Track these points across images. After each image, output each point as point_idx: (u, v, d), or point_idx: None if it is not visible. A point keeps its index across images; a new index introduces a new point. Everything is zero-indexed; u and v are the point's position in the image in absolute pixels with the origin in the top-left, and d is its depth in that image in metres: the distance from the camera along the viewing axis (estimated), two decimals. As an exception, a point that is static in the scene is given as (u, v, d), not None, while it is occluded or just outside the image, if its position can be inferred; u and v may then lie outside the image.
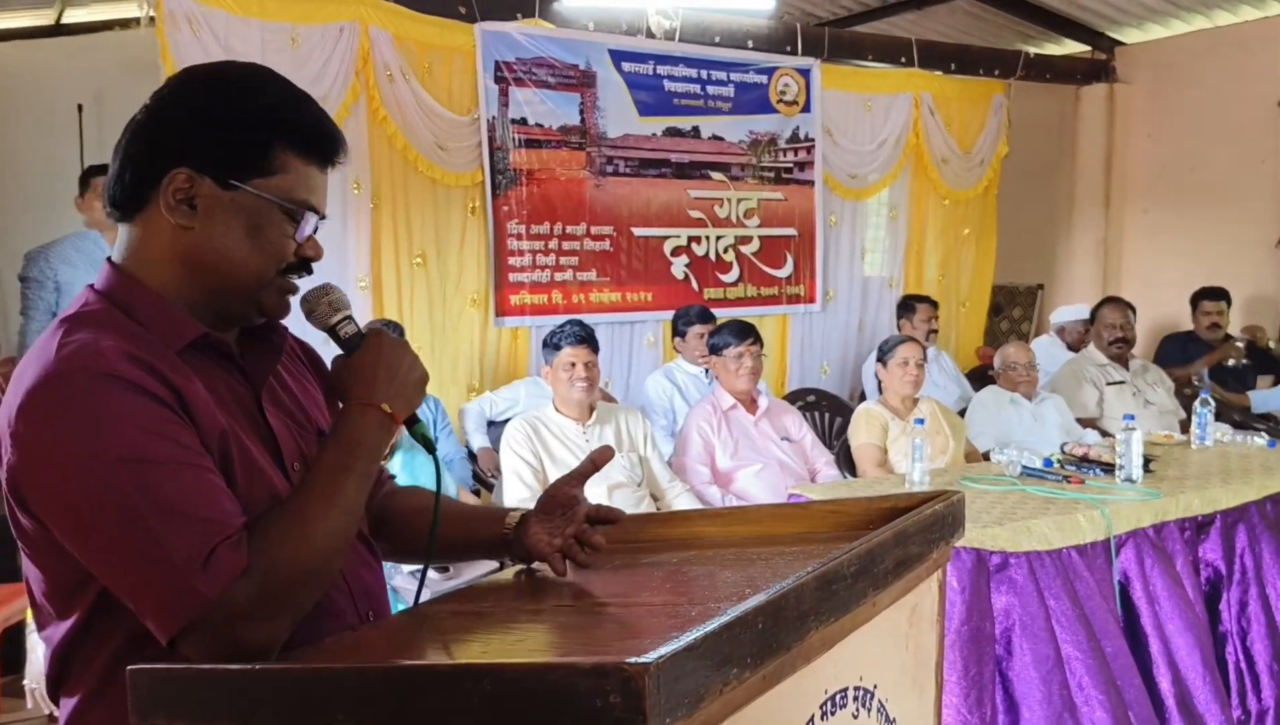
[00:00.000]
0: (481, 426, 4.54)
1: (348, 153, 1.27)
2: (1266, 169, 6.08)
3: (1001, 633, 2.81)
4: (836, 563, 1.05)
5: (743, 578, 1.24)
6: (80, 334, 1.10)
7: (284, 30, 4.30)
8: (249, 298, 1.21)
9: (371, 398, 1.20)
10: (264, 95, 1.20)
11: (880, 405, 4.17)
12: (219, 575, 1.03)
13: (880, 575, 1.16)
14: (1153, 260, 6.77)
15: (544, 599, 1.30)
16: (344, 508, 1.14)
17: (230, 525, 1.06)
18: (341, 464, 1.16)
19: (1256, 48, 6.10)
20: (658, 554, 1.42)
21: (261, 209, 1.18)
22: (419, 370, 1.27)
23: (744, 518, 1.50)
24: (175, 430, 1.07)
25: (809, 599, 0.99)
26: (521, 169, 4.95)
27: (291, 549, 1.08)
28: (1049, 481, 3.41)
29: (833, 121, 5.88)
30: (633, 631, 1.08)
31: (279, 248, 1.20)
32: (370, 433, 1.19)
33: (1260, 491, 3.46)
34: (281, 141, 1.18)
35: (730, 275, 5.66)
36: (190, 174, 1.16)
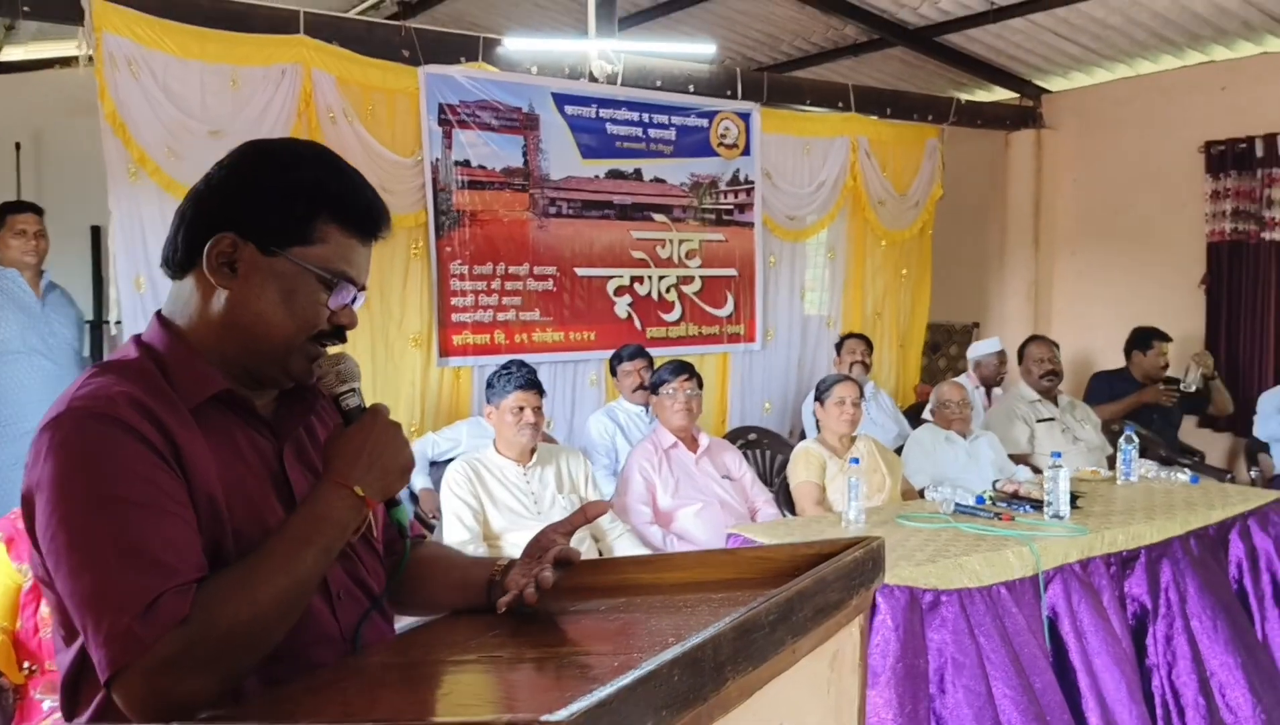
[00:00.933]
0: (423, 467, 4.52)
1: (390, 228, 1.34)
2: (1188, 212, 6.30)
3: (935, 670, 2.86)
4: (754, 612, 1.08)
5: (668, 626, 1.26)
6: (102, 378, 1.18)
7: (224, 72, 4.30)
8: (277, 360, 1.27)
9: (348, 477, 1.23)
10: (311, 169, 1.28)
11: (818, 444, 4.23)
12: (157, 621, 1.05)
13: (800, 623, 1.19)
14: (1081, 301, 6.97)
15: (471, 649, 1.31)
16: (296, 578, 1.15)
17: (183, 575, 1.09)
18: (304, 536, 1.18)
19: (1177, 95, 6.34)
20: (588, 601, 1.44)
21: (298, 276, 1.25)
22: (404, 457, 1.29)
23: (673, 565, 1.52)
24: (159, 476, 1.12)
25: (726, 649, 1.01)
26: (465, 210, 4.98)
27: (233, 608, 1.09)
28: (980, 518, 3.49)
29: (772, 164, 6.00)
30: (555, 684, 1.10)
31: (311, 313, 1.26)
32: (338, 511, 1.21)
33: (1183, 527, 3.56)
34: (324, 214, 1.26)
35: (672, 314, 5.72)
36: (235, 239, 1.24)
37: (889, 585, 2.84)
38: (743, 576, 1.47)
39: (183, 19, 4.19)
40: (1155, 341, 5.81)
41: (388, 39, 4.77)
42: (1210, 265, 6.19)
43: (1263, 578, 3.64)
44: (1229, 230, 6.07)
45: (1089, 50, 6.28)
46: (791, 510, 4.18)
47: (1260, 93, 5.94)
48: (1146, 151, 6.51)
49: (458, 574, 1.48)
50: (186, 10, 4.22)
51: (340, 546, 1.22)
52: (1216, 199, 6.12)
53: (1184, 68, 6.30)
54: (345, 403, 1.32)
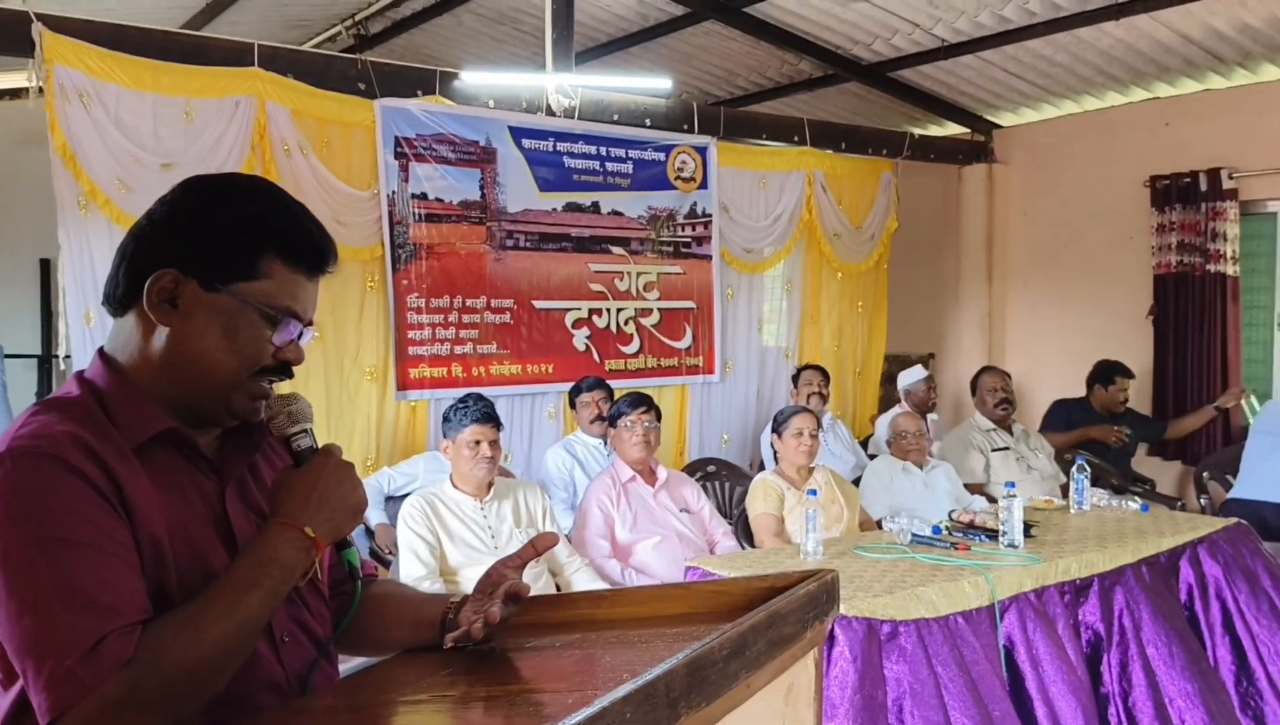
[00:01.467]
0: (379, 502, 4.47)
1: (337, 262, 1.32)
2: (1135, 245, 6.43)
3: (893, 701, 2.86)
4: (707, 647, 1.07)
5: (622, 662, 1.25)
6: (44, 417, 1.16)
7: (177, 104, 4.27)
8: (220, 397, 1.25)
9: (297, 518, 1.22)
10: (256, 204, 1.27)
11: (777, 475, 4.24)
12: (101, 664, 1.04)
13: (754, 657, 1.18)
14: (1033, 332, 7.08)
15: (423, 689, 1.29)
16: (242, 621, 1.14)
17: (127, 617, 1.07)
18: (251, 579, 1.16)
19: (1122, 130, 6.49)
20: (542, 638, 1.43)
21: (241, 312, 1.24)
22: (356, 498, 1.28)
23: (627, 599, 1.51)
24: (102, 518, 1.10)
25: (679, 685, 1.01)
26: (421, 243, 4.96)
27: (179, 651, 1.08)
28: (937, 548, 3.51)
29: (729, 197, 6.05)
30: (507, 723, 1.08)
31: (255, 350, 1.25)
32: (287, 553, 1.20)
33: (1135, 554, 3.62)
34: (269, 249, 1.25)
35: (631, 347, 5.73)
36: (177, 275, 1.22)
37: (846, 617, 2.84)
38: (697, 610, 1.46)
39: (136, 51, 4.16)
40: (1118, 377, 5.91)
41: (344, 72, 4.76)
42: (1157, 297, 6.32)
43: (1212, 604, 3.70)
44: (1175, 262, 6.20)
45: (1037, 86, 6.43)
46: (750, 542, 4.18)
47: (1202, 128, 6.10)
48: (1094, 185, 6.65)
49: (410, 612, 1.45)
50: (139, 43, 4.19)
51: (288, 589, 1.21)
52: (1162, 232, 6.26)
53: (1129, 104, 6.46)
54: (297, 444, 1.30)
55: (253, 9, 6.27)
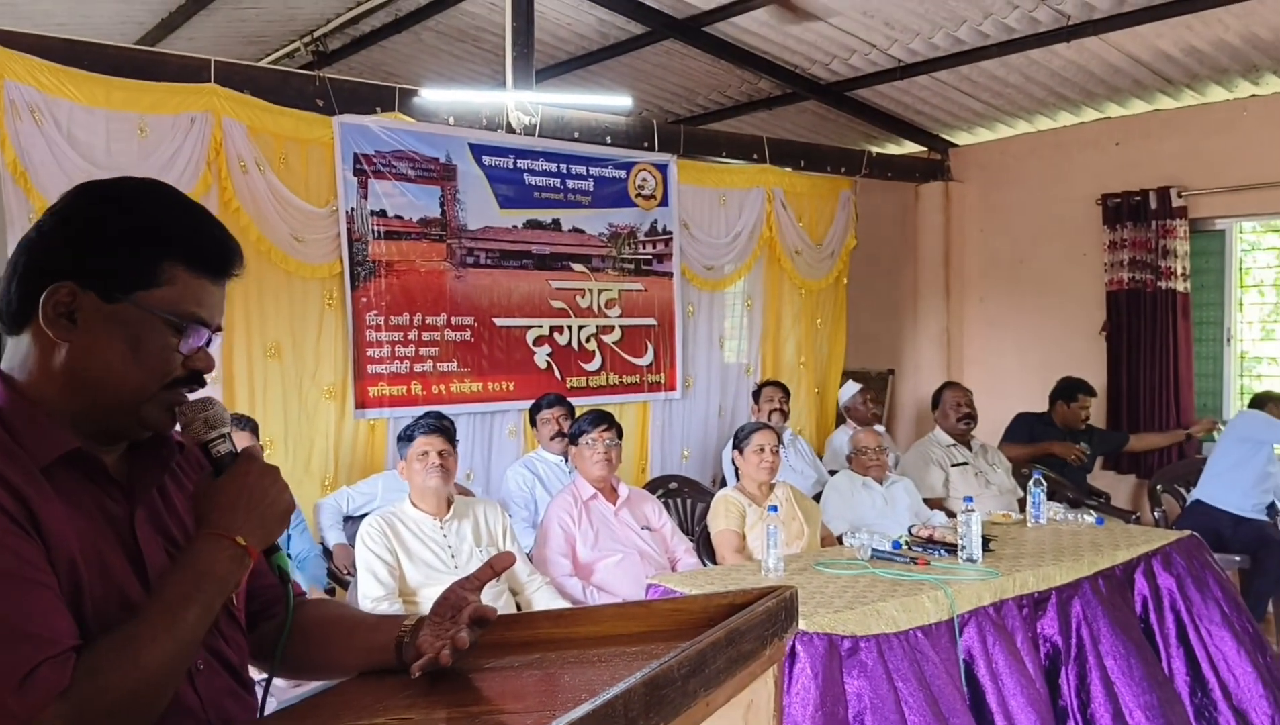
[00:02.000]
0: (337, 522, 4.42)
1: (244, 264, 1.28)
2: (1088, 262, 6.54)
3: (854, 716, 2.87)
4: (666, 666, 1.07)
5: (581, 682, 1.25)
6: None
7: (131, 120, 4.22)
8: (129, 412, 1.20)
9: (228, 528, 1.18)
10: (153, 209, 1.22)
11: (738, 492, 4.24)
12: (35, 695, 1.00)
13: (713, 675, 1.18)
14: (991, 347, 7.17)
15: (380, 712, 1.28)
16: (180, 638, 1.11)
17: (58, 644, 1.04)
18: (184, 595, 1.13)
19: (1074, 150, 6.61)
20: (500, 658, 1.41)
21: (144, 322, 1.18)
22: (284, 501, 1.25)
23: (586, 618, 1.50)
24: (17, 543, 1.05)
25: (637, 704, 1.00)
26: (381, 260, 4.93)
27: (118, 675, 1.05)
28: (897, 564, 3.53)
29: (689, 215, 6.08)
30: (463, 745, 1.07)
31: (163, 361, 1.20)
32: (220, 565, 1.17)
33: (1091, 567, 3.66)
34: (170, 254, 1.20)
35: (592, 364, 5.72)
36: (73, 288, 1.17)
37: (808, 633, 2.84)
38: (657, 629, 1.46)
39: (89, 67, 4.11)
40: (1081, 395, 5.98)
41: (302, 88, 4.73)
42: (1110, 313, 6.42)
43: (1167, 616, 3.74)
44: (1127, 279, 6.31)
45: (992, 106, 6.53)
46: (712, 559, 4.18)
47: (1152, 148, 6.23)
48: (1048, 203, 6.76)
49: (362, 636, 1.42)
50: (93, 58, 4.14)
51: (223, 602, 1.18)
52: (1114, 249, 6.37)
53: (1081, 124, 6.58)
54: (216, 450, 1.26)
55: (209, 25, 6.22)
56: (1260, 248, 6.20)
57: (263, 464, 1.26)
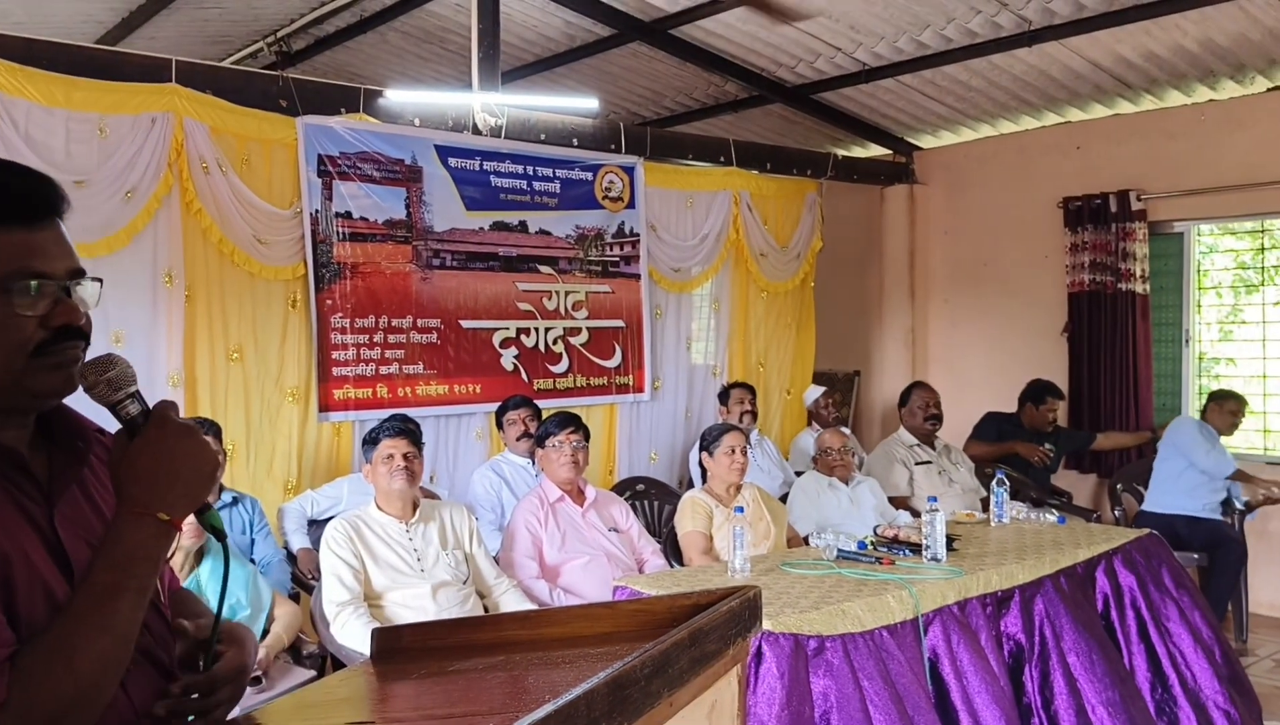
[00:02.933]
0: (302, 526, 4.39)
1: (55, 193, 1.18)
2: (1050, 263, 6.62)
3: (820, 715, 2.88)
4: (629, 666, 1.07)
5: (545, 683, 1.25)
6: None
7: (91, 120, 4.16)
8: (11, 391, 1.13)
9: (148, 504, 1.11)
10: None
11: (705, 493, 4.25)
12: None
13: (676, 675, 1.19)
14: (955, 347, 7.24)
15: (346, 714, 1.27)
16: (116, 632, 1.06)
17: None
18: (113, 584, 1.07)
19: (1036, 153, 6.69)
20: (465, 660, 1.41)
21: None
22: (207, 461, 1.16)
23: (551, 620, 1.51)
24: None
25: (600, 705, 1.01)
26: (346, 262, 4.90)
27: (54, 682, 1.01)
28: (862, 563, 3.56)
29: (656, 217, 6.09)
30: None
31: (16, 332, 1.12)
32: (145, 546, 1.10)
33: (1053, 566, 3.70)
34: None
35: (560, 366, 5.71)
36: None
37: (773, 633, 2.86)
38: (621, 629, 1.46)
39: (48, 66, 4.04)
40: (1049, 397, 6.04)
41: (265, 89, 4.68)
42: (1071, 314, 6.51)
43: (1128, 613, 3.80)
44: (1088, 281, 6.40)
45: (955, 110, 6.59)
46: (679, 560, 4.19)
47: (1112, 152, 6.32)
48: (1010, 206, 6.84)
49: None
50: (51, 57, 4.07)
51: (155, 579, 1.12)
52: (1075, 251, 6.45)
53: (1042, 128, 6.66)
54: (125, 412, 1.17)
55: (170, 25, 6.15)
56: (1218, 250, 6.31)
57: (177, 424, 1.16)
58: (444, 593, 3.49)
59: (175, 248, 4.38)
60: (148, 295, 4.32)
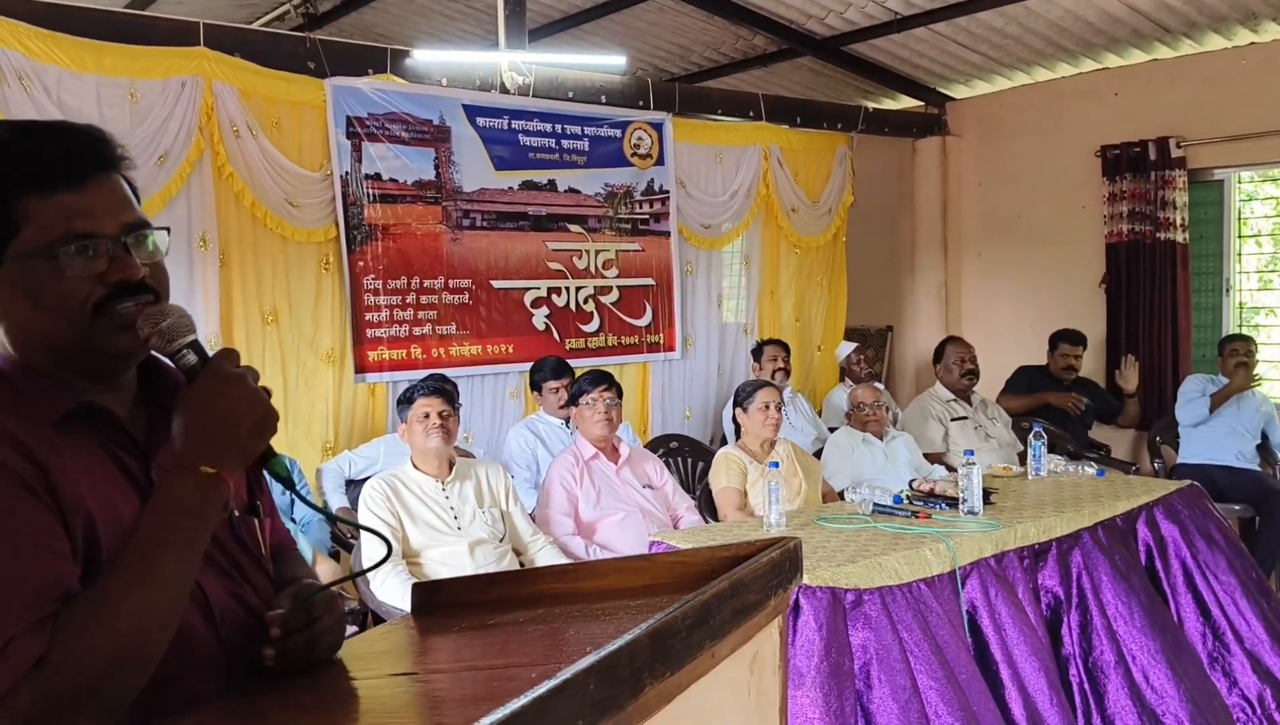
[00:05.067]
0: (340, 486, 4.44)
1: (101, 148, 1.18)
2: (1087, 214, 6.51)
3: (860, 667, 2.89)
4: (670, 617, 1.07)
5: (586, 635, 1.25)
6: None
7: (121, 85, 4.17)
8: (84, 354, 1.14)
9: (193, 457, 1.08)
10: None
11: (739, 449, 4.25)
12: (8, 667, 0.96)
13: (717, 626, 1.18)
14: (988, 301, 7.15)
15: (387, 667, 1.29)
16: (156, 586, 1.04)
17: (39, 610, 0.99)
18: (156, 539, 1.05)
19: (1073, 101, 6.55)
20: (505, 614, 1.42)
21: (29, 271, 1.11)
22: (257, 412, 1.12)
23: (589, 573, 1.51)
24: (21, 507, 1.02)
25: (643, 655, 1.00)
26: (376, 224, 4.90)
27: (90, 640, 0.99)
28: (898, 517, 3.55)
29: (686, 173, 6.04)
30: (473, 698, 1.07)
31: (70, 296, 1.12)
32: (190, 498, 1.07)
33: (1092, 518, 3.67)
34: (9, 196, 1.11)
35: (591, 325, 5.71)
36: None
37: (811, 586, 2.86)
38: (660, 582, 1.46)
39: (76, 31, 4.05)
40: (1062, 343, 5.99)
41: (292, 51, 4.67)
42: (1109, 265, 6.40)
43: (1173, 564, 3.76)
44: (1126, 231, 6.28)
45: (989, 59, 6.46)
46: (714, 516, 4.20)
47: (1151, 98, 6.17)
48: (1046, 156, 6.71)
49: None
50: (80, 22, 4.08)
51: (206, 536, 1.10)
52: (1113, 201, 6.33)
53: (1079, 75, 6.51)
54: (184, 361, 1.15)
55: (197, -12, 6.15)
56: (1258, 197, 6.17)
57: (226, 373, 1.12)
58: (481, 550, 3.52)
59: (209, 212, 4.40)
60: (183, 260, 4.34)
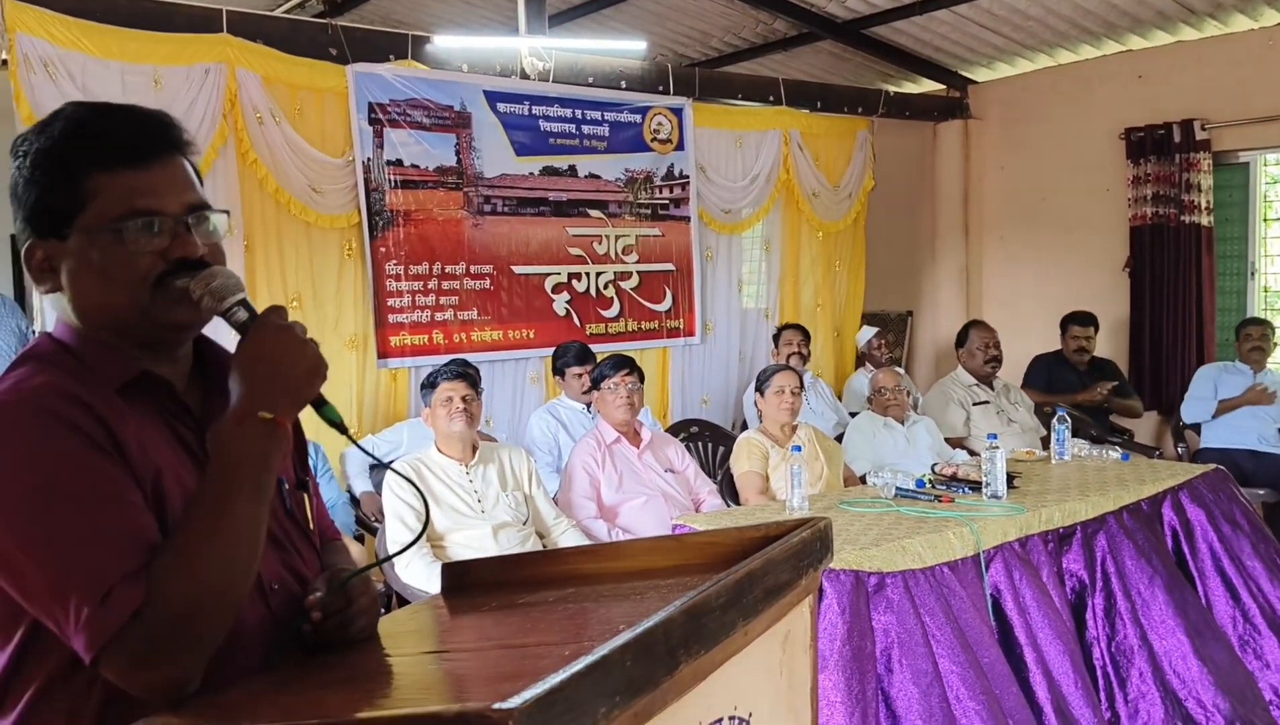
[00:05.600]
0: (364, 471, 4.47)
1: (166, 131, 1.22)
2: (1110, 197, 6.46)
3: (882, 651, 2.89)
4: (704, 595, 1.08)
5: (618, 614, 1.26)
6: (21, 370, 1.15)
7: (146, 72, 4.19)
8: (143, 326, 1.19)
9: (249, 407, 1.13)
10: (50, 138, 1.19)
11: (760, 434, 4.26)
12: (111, 614, 1.03)
13: (750, 604, 1.19)
14: (1010, 285, 7.11)
15: (419, 645, 1.30)
16: (233, 534, 1.10)
17: (133, 561, 1.06)
18: (225, 489, 1.11)
19: (1096, 83, 6.49)
20: (535, 593, 1.43)
21: (96, 244, 1.17)
22: (306, 359, 1.17)
23: (620, 553, 1.52)
24: (97, 464, 1.08)
25: (677, 633, 1.01)
26: (398, 210, 4.92)
27: (178, 587, 1.05)
28: (921, 501, 3.54)
29: (706, 158, 6.02)
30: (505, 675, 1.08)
31: (133, 269, 1.17)
32: (252, 446, 1.12)
33: (1116, 502, 3.65)
34: (80, 171, 1.17)
35: (611, 311, 5.71)
36: (35, 243, 1.20)
37: (834, 569, 2.86)
38: (690, 562, 1.47)
39: (101, 19, 4.07)
40: (1071, 325, 5.95)
41: (314, 37, 4.69)
42: (1133, 249, 6.35)
43: (1200, 547, 3.74)
44: (1150, 214, 6.23)
45: (1011, 41, 6.41)
46: (735, 500, 4.21)
47: (1176, 80, 6.11)
48: (1069, 139, 6.66)
49: None
50: (104, 10, 4.10)
51: (271, 482, 1.15)
52: (1137, 184, 6.28)
53: (1103, 57, 6.45)
54: (235, 318, 1.20)
55: (218, -25, 6.15)
56: (1285, 180, 6.11)
57: (276, 325, 1.18)
58: (504, 533, 3.54)
59: (233, 198, 4.43)
60: (206, 246, 4.37)
